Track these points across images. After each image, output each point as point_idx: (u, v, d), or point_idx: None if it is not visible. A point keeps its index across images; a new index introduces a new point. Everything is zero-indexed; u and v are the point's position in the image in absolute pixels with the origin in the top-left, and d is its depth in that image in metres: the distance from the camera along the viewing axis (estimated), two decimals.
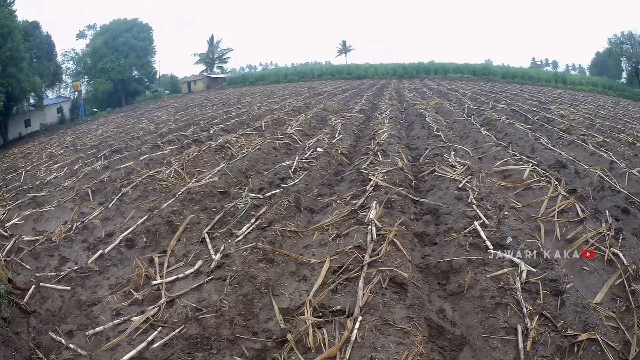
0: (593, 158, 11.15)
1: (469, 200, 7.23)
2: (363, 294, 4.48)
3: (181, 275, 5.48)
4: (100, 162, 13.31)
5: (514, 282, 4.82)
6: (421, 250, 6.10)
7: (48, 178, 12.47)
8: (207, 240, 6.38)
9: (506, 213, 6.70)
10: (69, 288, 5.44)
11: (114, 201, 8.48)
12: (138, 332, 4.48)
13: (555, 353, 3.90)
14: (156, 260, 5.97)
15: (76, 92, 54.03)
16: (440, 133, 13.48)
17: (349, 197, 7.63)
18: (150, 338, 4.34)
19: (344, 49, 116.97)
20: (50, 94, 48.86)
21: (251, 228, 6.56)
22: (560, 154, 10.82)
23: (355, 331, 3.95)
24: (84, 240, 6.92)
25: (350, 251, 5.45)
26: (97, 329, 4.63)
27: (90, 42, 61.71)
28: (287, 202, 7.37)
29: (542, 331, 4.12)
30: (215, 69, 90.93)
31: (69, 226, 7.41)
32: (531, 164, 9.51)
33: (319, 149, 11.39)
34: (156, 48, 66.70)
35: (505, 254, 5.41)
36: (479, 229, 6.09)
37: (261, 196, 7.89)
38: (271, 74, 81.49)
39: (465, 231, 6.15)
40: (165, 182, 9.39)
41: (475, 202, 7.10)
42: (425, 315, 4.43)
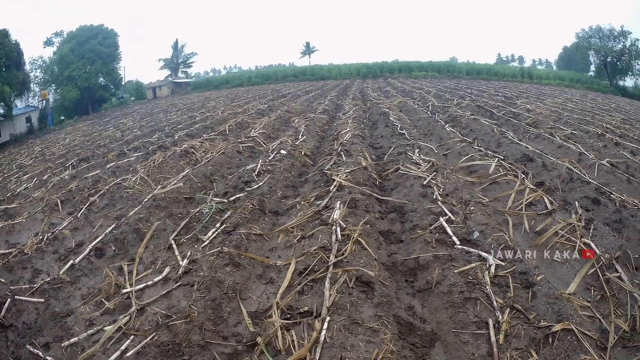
0: (561, 150, 11.58)
1: (434, 196, 7.42)
2: (330, 294, 4.57)
3: (150, 282, 5.53)
4: (68, 172, 13.56)
5: (483, 276, 4.98)
6: (387, 248, 6.26)
7: (18, 189, 12.64)
8: (174, 246, 6.44)
9: (472, 208, 6.91)
10: (43, 300, 5.49)
11: (83, 210, 8.68)
12: (111, 342, 4.53)
13: (529, 345, 4.03)
14: (125, 268, 6.03)
15: (44, 101, 53.96)
16: (404, 131, 13.79)
17: (313, 198, 7.76)
18: (123, 347, 4.38)
19: (308, 50, 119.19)
20: (19, 104, 48.54)
21: (217, 233, 6.66)
22: (526, 148, 11.21)
23: (324, 331, 4.03)
24: (55, 251, 7.02)
25: (315, 252, 5.56)
26: (72, 340, 4.66)
27: (57, 50, 62.67)
28: (252, 206, 7.47)
29: (515, 324, 4.26)
30: (179, 74, 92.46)
31: (40, 237, 7.53)
32: (497, 159, 9.84)
33: (283, 151, 11.56)
34: (122, 54, 67.68)
35: (472, 249, 5.59)
36: (445, 225, 6.28)
37: (226, 200, 8.00)
38: (235, 78, 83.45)
39: (431, 228, 6.32)
40: (131, 190, 9.51)
41: (440, 199, 7.31)
42: (394, 312, 4.56)
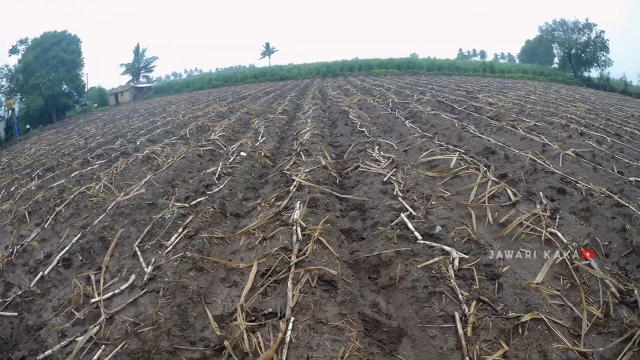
0: (524, 142, 12.01)
1: (395, 193, 7.62)
2: (293, 295, 4.69)
3: (117, 290, 5.59)
4: (34, 182, 13.43)
5: (447, 270, 5.14)
6: (349, 246, 6.42)
7: None
8: (139, 253, 6.50)
9: (434, 203, 7.14)
10: (17, 314, 5.61)
11: (49, 221, 8.73)
12: (84, 352, 4.57)
13: (498, 336, 4.17)
14: (92, 277, 6.11)
15: (10, 111, 52.63)
16: (363, 129, 14.07)
17: (273, 199, 7.88)
18: (95, 357, 4.44)
19: (268, 51, 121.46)
20: None
21: (179, 238, 6.73)
22: (488, 141, 11.60)
23: (289, 332, 4.13)
24: (25, 263, 7.11)
25: (276, 253, 5.67)
26: (47, 353, 4.73)
27: (22, 58, 62.14)
28: (213, 209, 7.57)
29: (482, 316, 4.41)
30: (141, 79, 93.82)
31: (10, 250, 7.62)
32: (458, 153, 10.16)
33: (243, 153, 11.73)
34: (84, 60, 67.75)
35: (435, 243, 5.78)
36: (406, 221, 6.46)
37: (187, 205, 8.06)
38: (196, 81, 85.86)
39: (392, 224, 6.50)
40: (95, 198, 9.58)
41: (401, 195, 7.51)
42: (358, 310, 4.71)
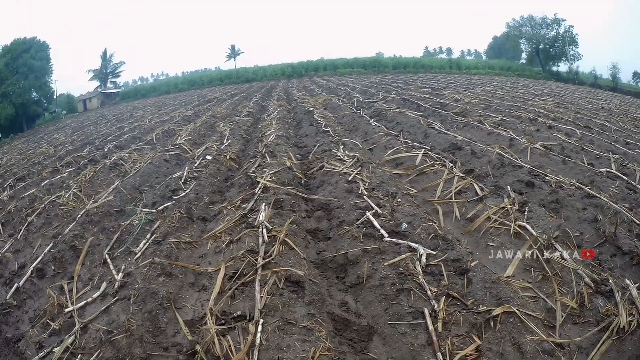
0: (491, 137, 12.31)
1: (360, 191, 7.74)
2: (261, 297, 4.74)
3: (90, 299, 5.58)
4: (6, 193, 13.25)
5: (414, 267, 5.26)
6: (315, 246, 6.52)
7: None
8: (109, 261, 6.51)
9: (400, 200, 7.27)
10: None
11: (22, 232, 8.75)
12: None
13: (470, 330, 4.28)
14: (65, 287, 6.12)
15: None
16: (328, 128, 14.25)
17: (239, 202, 7.94)
18: None
19: (233, 53, 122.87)
20: None
21: (148, 244, 6.74)
22: (454, 137, 11.84)
23: (258, 334, 4.18)
24: (1, 275, 7.13)
25: (243, 256, 5.71)
26: None
27: None
28: (180, 214, 7.61)
29: (452, 311, 4.52)
30: (108, 84, 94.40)
31: None
32: (424, 150, 10.35)
33: (208, 157, 11.83)
34: (53, 67, 67.89)
35: (401, 240, 5.89)
36: (372, 219, 6.57)
37: (155, 210, 8.09)
38: (162, 85, 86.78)
39: (358, 223, 6.60)
40: (66, 207, 9.54)
41: (366, 193, 7.63)
42: (327, 310, 4.80)
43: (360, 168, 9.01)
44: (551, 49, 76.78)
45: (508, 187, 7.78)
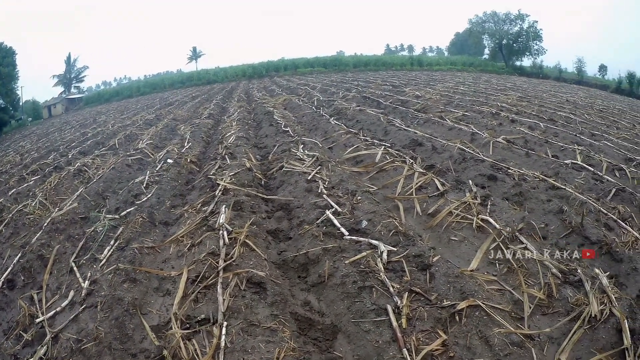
0: (452, 133, 12.53)
1: (319, 190, 7.84)
2: (223, 299, 4.76)
3: (59, 308, 5.54)
4: None
5: (376, 264, 5.32)
6: (276, 246, 6.57)
7: None
8: (75, 269, 6.48)
9: (359, 198, 7.38)
10: None
11: None
12: None
13: (435, 325, 4.33)
14: (35, 297, 6.08)
15: None
16: (288, 128, 14.33)
17: (200, 205, 7.96)
18: None
19: (195, 55, 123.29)
20: None
21: (112, 250, 6.73)
22: (415, 133, 12.05)
23: (223, 337, 4.20)
24: None
25: (204, 258, 5.73)
26: None
27: None
28: (142, 219, 7.62)
29: (416, 307, 4.57)
30: (72, 89, 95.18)
31: None
32: (384, 147, 10.49)
33: (169, 160, 11.88)
34: (19, 73, 65.72)
35: (362, 238, 5.97)
36: (332, 218, 6.67)
37: (117, 216, 8.09)
38: (124, 89, 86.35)
39: (318, 222, 6.69)
40: (32, 215, 9.44)
41: (325, 192, 7.74)
42: (290, 310, 4.85)
43: (319, 167, 9.12)
44: (514, 44, 78.25)
45: (470, 182, 7.92)
